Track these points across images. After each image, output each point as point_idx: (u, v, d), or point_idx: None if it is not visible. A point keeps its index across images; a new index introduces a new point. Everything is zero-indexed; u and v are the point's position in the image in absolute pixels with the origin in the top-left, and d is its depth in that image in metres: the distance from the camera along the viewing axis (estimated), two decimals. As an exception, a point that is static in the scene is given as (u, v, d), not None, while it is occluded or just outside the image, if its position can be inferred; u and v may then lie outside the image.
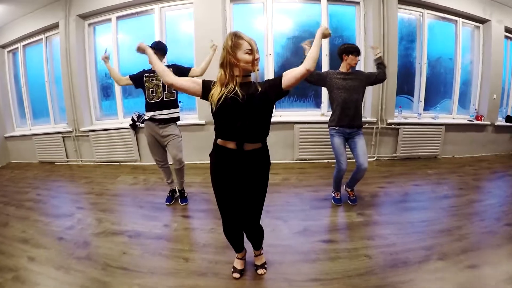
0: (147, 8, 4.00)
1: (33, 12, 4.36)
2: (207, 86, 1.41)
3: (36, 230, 2.46)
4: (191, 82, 1.42)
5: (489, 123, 4.44)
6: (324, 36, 1.51)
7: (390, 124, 4.03)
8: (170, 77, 1.42)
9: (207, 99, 1.41)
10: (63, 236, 2.32)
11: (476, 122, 4.41)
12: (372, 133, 4.02)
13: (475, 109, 4.53)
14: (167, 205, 2.81)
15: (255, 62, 1.38)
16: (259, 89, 1.37)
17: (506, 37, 4.49)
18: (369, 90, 3.65)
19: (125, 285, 1.72)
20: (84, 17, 4.19)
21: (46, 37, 4.55)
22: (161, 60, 2.57)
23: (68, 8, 4.08)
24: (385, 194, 2.98)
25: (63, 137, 4.53)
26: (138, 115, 4.11)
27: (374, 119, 3.98)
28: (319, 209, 2.67)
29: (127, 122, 4.19)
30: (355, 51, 2.46)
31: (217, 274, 1.79)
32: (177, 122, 2.70)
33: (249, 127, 1.37)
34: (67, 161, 4.62)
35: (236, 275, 1.78)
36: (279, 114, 4.08)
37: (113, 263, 1.94)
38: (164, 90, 2.56)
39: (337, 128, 2.50)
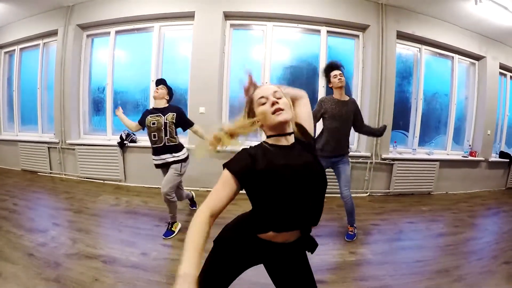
0: (146, 26, 4.00)
1: (34, 16, 4.33)
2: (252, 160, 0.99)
3: (7, 242, 2.30)
4: None
5: (483, 159, 4.48)
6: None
7: (385, 159, 3.98)
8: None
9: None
10: (34, 252, 2.16)
11: (470, 158, 4.44)
12: (366, 168, 3.95)
13: (469, 145, 4.57)
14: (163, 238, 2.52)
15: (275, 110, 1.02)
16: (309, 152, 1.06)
17: (501, 73, 4.62)
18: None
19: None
20: (83, 27, 4.17)
21: (44, 43, 4.51)
22: (168, 100, 2.51)
23: (68, 16, 4.06)
24: (379, 231, 2.87)
25: (48, 148, 4.38)
26: (127, 133, 4.02)
27: (368, 154, 3.91)
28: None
29: (115, 139, 4.06)
30: (329, 68, 2.49)
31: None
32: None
33: (317, 204, 1.03)
34: (50, 173, 4.44)
35: None
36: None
37: (82, 291, 1.76)
38: (166, 135, 2.43)
39: (320, 158, 2.55)
